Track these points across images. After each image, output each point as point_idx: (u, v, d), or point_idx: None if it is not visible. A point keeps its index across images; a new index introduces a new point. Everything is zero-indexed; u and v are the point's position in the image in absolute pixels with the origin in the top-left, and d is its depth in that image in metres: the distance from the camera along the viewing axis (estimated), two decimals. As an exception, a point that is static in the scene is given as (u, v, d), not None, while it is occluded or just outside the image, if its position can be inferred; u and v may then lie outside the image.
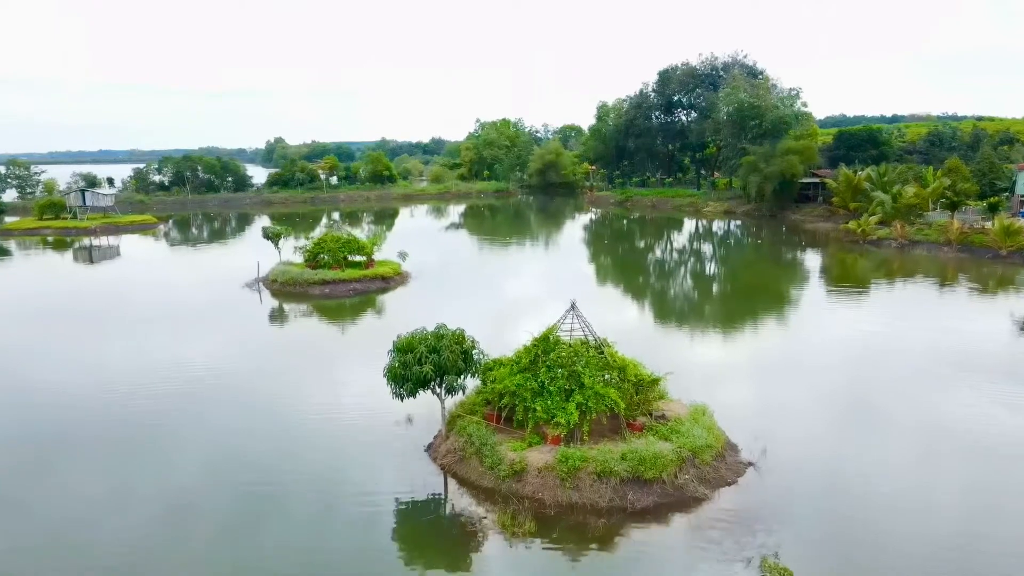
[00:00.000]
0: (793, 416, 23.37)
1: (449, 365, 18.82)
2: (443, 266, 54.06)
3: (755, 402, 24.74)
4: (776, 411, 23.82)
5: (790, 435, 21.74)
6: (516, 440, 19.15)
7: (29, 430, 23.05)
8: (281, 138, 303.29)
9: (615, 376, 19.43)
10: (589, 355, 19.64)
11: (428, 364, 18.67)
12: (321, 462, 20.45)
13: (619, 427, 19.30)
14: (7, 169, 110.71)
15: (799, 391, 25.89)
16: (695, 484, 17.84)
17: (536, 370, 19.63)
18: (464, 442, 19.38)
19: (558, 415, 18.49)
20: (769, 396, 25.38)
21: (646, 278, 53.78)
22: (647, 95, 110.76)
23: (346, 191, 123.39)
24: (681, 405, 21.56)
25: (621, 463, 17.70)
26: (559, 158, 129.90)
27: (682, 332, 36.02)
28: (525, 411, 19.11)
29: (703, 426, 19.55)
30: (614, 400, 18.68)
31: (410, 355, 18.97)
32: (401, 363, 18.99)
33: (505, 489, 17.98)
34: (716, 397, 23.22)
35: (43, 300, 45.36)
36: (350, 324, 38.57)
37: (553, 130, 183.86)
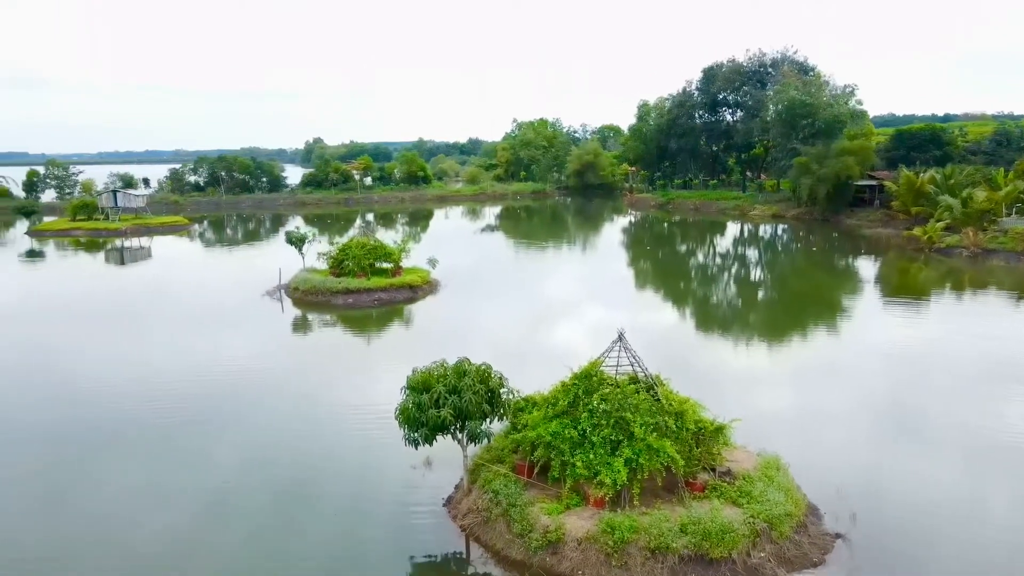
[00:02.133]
0: (883, 464, 19.69)
1: (472, 410, 15.72)
2: (474, 273, 51.07)
3: (831, 445, 21.11)
4: (859, 457, 20.17)
5: (884, 492, 18.10)
6: (551, 499, 15.95)
7: (71, 426, 23.55)
8: (320, 138, 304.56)
9: (671, 423, 16.08)
10: (639, 398, 16.33)
11: (447, 408, 15.59)
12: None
13: (676, 487, 15.98)
14: (46, 170, 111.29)
15: (886, 429, 22.18)
16: (773, 565, 14.43)
17: (576, 415, 16.40)
18: (489, 500, 16.24)
19: (602, 472, 15.25)
20: (848, 437, 21.71)
21: (691, 287, 50.02)
22: (690, 94, 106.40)
23: (380, 192, 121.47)
24: (747, 455, 18.09)
25: (681, 537, 14.39)
26: (597, 159, 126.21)
27: (734, 352, 32.34)
28: (563, 466, 15.90)
29: (779, 486, 16.10)
30: (671, 457, 15.36)
31: (426, 396, 15.91)
32: (415, 404, 15.95)
33: (538, 563, 14.81)
34: (783, 438, 19.77)
35: (76, 300, 44.82)
36: (369, 339, 35.81)
37: (591, 130, 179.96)
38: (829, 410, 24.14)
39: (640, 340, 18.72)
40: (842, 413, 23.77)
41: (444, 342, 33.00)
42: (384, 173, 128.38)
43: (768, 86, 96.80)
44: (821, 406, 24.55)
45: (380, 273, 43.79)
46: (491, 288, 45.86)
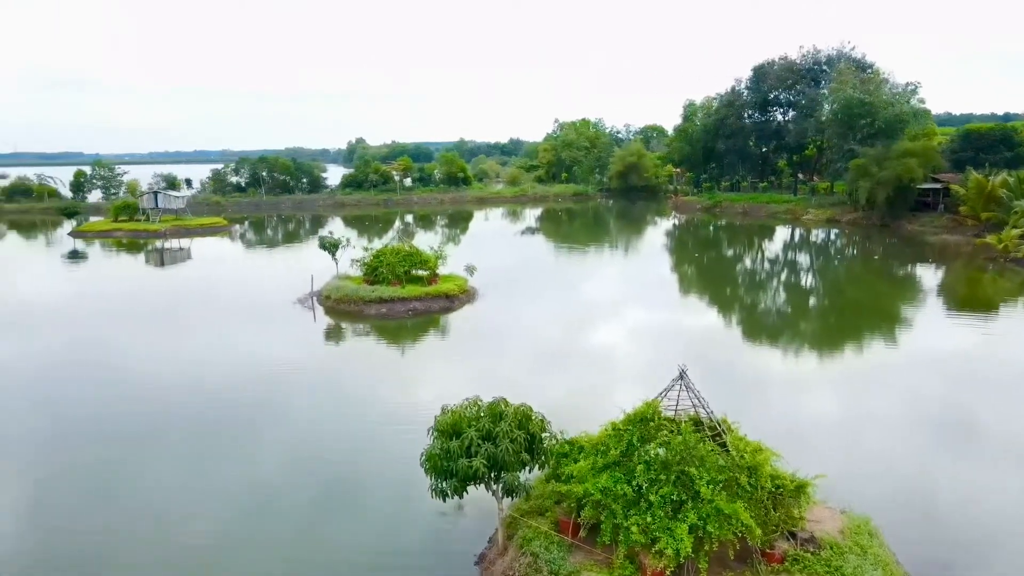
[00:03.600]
0: (997, 528, 16.86)
1: (508, 460, 13.50)
2: (513, 281, 48.79)
3: (929, 499, 18.26)
4: (966, 518, 17.34)
5: (998, 561, 15.34)
6: (601, 567, 13.62)
7: (118, 422, 24.06)
8: (362, 139, 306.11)
9: (743, 480, 13.61)
10: (705, 448, 13.89)
11: (480, 457, 13.39)
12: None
13: (749, 556, 13.52)
14: (93, 170, 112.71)
15: (1000, 481, 19.24)
16: (872, 664, 11.89)
17: (630, 466, 14.04)
18: (527, 564, 13.97)
19: (662, 539, 12.87)
20: (951, 489, 18.83)
21: (743, 297, 46.97)
22: (740, 93, 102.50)
23: (420, 193, 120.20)
24: (830, 513, 15.49)
25: (758, 624, 11.97)
26: (641, 160, 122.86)
27: (794, 375, 29.45)
28: (614, 528, 13.55)
29: (874, 559, 13.52)
30: (746, 525, 12.90)
31: (456, 442, 13.74)
32: (444, 452, 13.79)
33: (584, 647, 12.56)
34: (868, 489, 17.11)
35: (117, 301, 45.05)
36: (398, 355, 33.85)
37: (635, 130, 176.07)
38: (922, 453, 21.24)
39: (688, 356, 16.19)
40: (939, 457, 20.86)
41: (479, 359, 30.99)
42: (424, 174, 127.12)
43: (823, 84, 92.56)
44: (912, 449, 21.62)
45: (415, 281, 41.91)
46: (531, 298, 43.58)
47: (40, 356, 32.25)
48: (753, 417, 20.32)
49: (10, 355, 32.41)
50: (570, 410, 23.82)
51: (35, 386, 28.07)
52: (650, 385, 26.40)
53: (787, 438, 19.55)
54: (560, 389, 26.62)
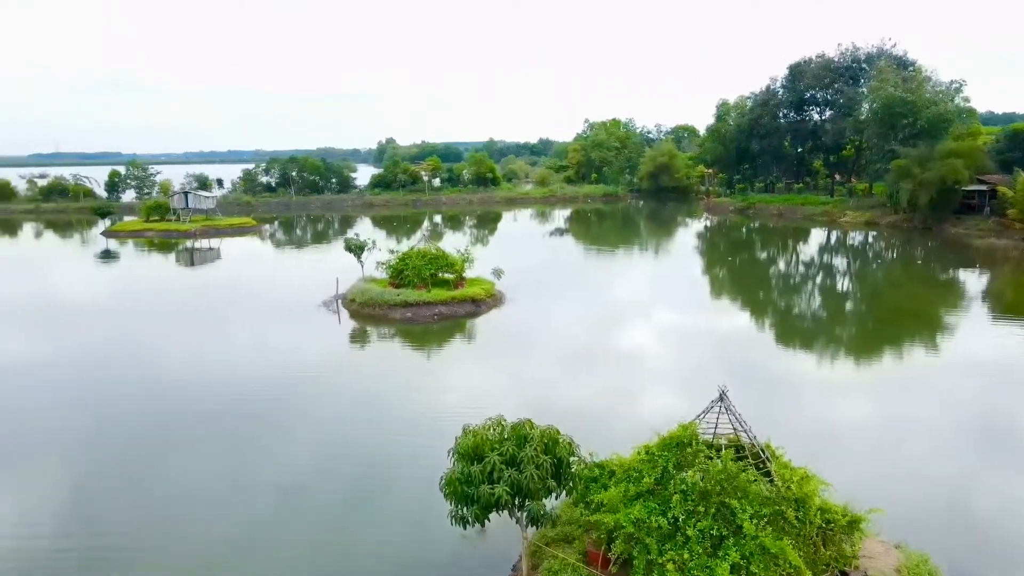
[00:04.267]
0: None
1: (533, 488, 12.51)
2: (541, 284, 47.76)
3: (989, 531, 16.89)
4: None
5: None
6: (633, 605, 12.58)
7: (150, 419, 24.31)
8: (392, 139, 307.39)
9: (790, 514, 12.45)
10: (748, 477, 12.75)
11: (503, 485, 12.43)
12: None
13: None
14: (126, 170, 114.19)
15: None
16: None
17: (665, 495, 12.96)
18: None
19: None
20: (1011, 517, 17.43)
21: (781, 302, 45.34)
22: (774, 92, 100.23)
23: (448, 194, 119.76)
24: (884, 548, 14.21)
25: None
26: (672, 160, 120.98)
27: (836, 387, 27.95)
28: (648, 565, 12.47)
29: (935, 605, 12.28)
30: (794, 565, 11.75)
31: (478, 467, 12.79)
32: (464, 477, 12.85)
33: None
34: (923, 518, 15.81)
35: (148, 301, 45.40)
36: (421, 362, 33.04)
37: (666, 130, 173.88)
38: (982, 477, 19.74)
39: (722, 365, 15.05)
40: (1002, 481, 19.35)
41: (505, 367, 29.99)
42: (453, 174, 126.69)
43: (862, 83, 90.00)
44: (970, 471, 20.11)
45: (442, 284, 41.10)
46: (559, 302, 42.49)
47: (75, 355, 32.52)
48: (790, 431, 19.12)
49: (47, 354, 32.68)
50: (599, 425, 22.81)
51: (71, 384, 28.17)
52: (684, 397, 25.44)
53: (829, 457, 18.32)
54: (589, 401, 25.58)
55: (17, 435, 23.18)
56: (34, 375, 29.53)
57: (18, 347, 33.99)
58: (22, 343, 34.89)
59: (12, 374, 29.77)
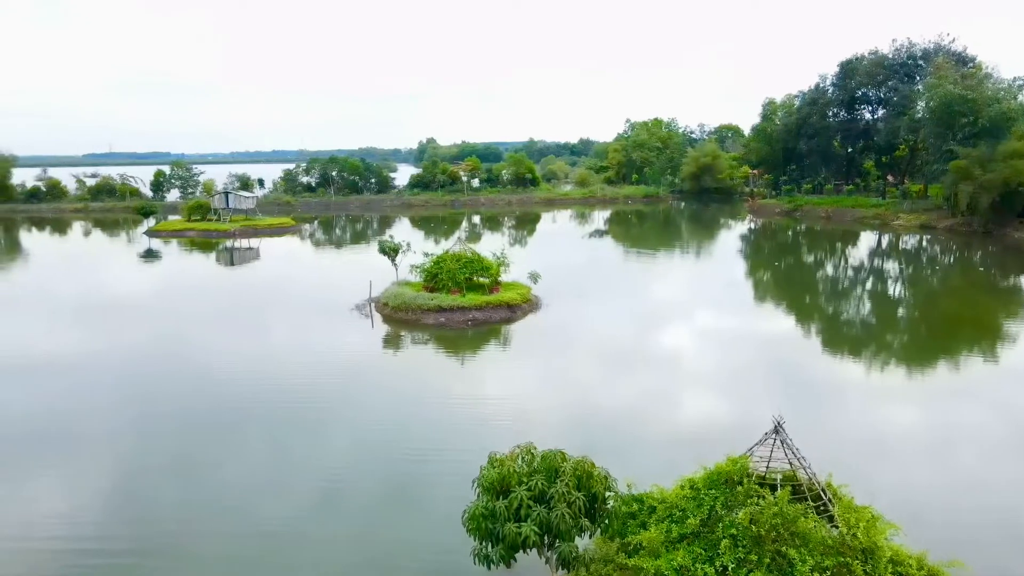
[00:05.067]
0: None
1: (564, 529, 11.26)
2: (579, 288, 46.35)
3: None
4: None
5: None
6: (674, 662, 11.24)
7: (194, 415, 24.66)
8: (433, 139, 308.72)
9: (857, 568, 10.96)
10: (808, 523, 11.29)
11: (531, 523, 11.21)
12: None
13: (862, 661, 10.86)
14: (171, 170, 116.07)
15: None
16: None
17: (713, 539, 11.59)
18: (586, 652, 11.74)
19: (753, 637, 10.40)
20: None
21: (833, 309, 43.07)
22: (824, 90, 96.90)
23: (487, 194, 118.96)
24: (962, 602, 12.58)
25: None
26: (716, 161, 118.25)
27: (905, 405, 26.02)
28: (693, 617, 11.13)
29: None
30: (862, 627, 10.30)
31: (503, 502, 11.60)
32: (488, 513, 11.67)
33: None
34: (1008, 564, 14.08)
35: (190, 299, 46.34)
36: (452, 370, 32.00)
37: (709, 130, 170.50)
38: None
39: (772, 383, 13.56)
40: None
41: (537, 378, 28.60)
42: (492, 175, 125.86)
43: (918, 80, 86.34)
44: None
45: (476, 289, 40.05)
46: (597, 308, 41.06)
47: (117, 353, 32.82)
48: (848, 457, 17.51)
49: (91, 352, 33.12)
50: (638, 445, 21.47)
51: (114, 381, 28.65)
52: (731, 416, 23.89)
53: (895, 491, 16.67)
54: (627, 418, 24.20)
55: (65, 431, 23.53)
56: (79, 372, 29.76)
57: (64, 345, 34.34)
58: (69, 341, 35.21)
59: (59, 371, 30.06)
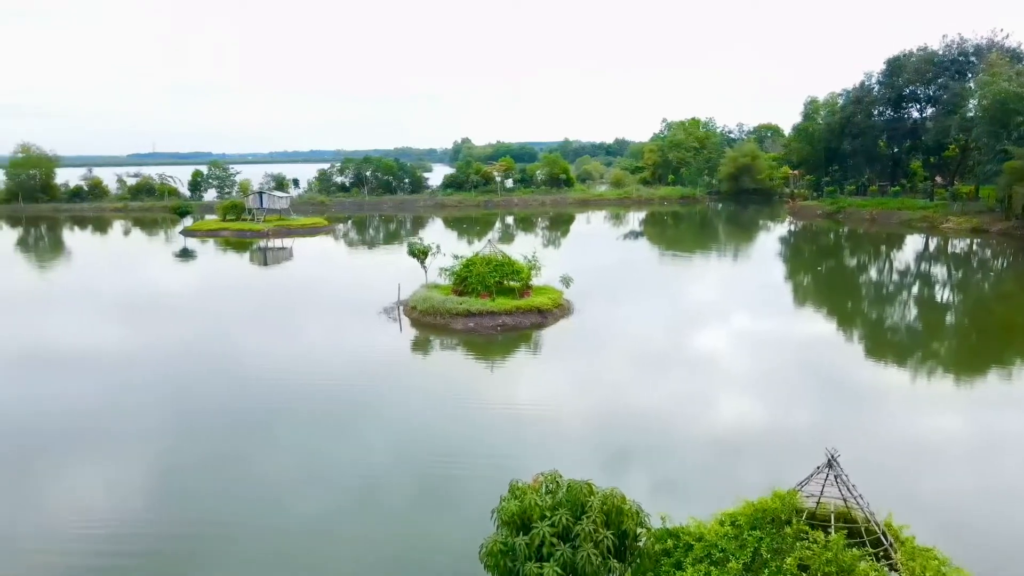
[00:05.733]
0: None
1: (590, 571, 10.17)
2: (613, 292, 45.06)
3: None
4: None
5: None
6: None
7: (230, 413, 25.17)
8: (468, 138, 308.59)
9: (923, 623, 9.68)
10: (866, 569, 10.03)
11: (553, 564, 10.14)
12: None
13: None
14: (208, 170, 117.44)
15: None
16: None
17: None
18: None
19: None
20: None
21: (884, 319, 41.08)
22: (869, 88, 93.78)
23: (520, 194, 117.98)
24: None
25: None
26: (755, 161, 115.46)
27: (965, 426, 24.31)
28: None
29: None
30: None
31: (523, 538, 10.56)
32: (507, 550, 10.64)
33: None
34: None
35: (222, 298, 47.34)
36: (477, 379, 31.03)
37: (747, 130, 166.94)
38: None
39: (819, 400, 12.26)
40: None
41: (566, 390, 27.38)
42: (526, 175, 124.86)
43: (969, 77, 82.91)
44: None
45: (507, 292, 39.05)
46: (631, 313, 39.77)
47: (155, 350, 33.39)
48: (902, 484, 16.06)
49: (131, 350, 33.67)
50: (674, 464, 20.24)
51: (155, 377, 29.21)
52: (774, 434, 22.43)
53: (959, 526, 15.19)
54: (661, 435, 22.95)
55: (107, 428, 24.03)
56: (119, 370, 30.25)
57: (104, 344, 34.68)
58: (108, 340, 35.51)
59: (101, 368, 30.58)
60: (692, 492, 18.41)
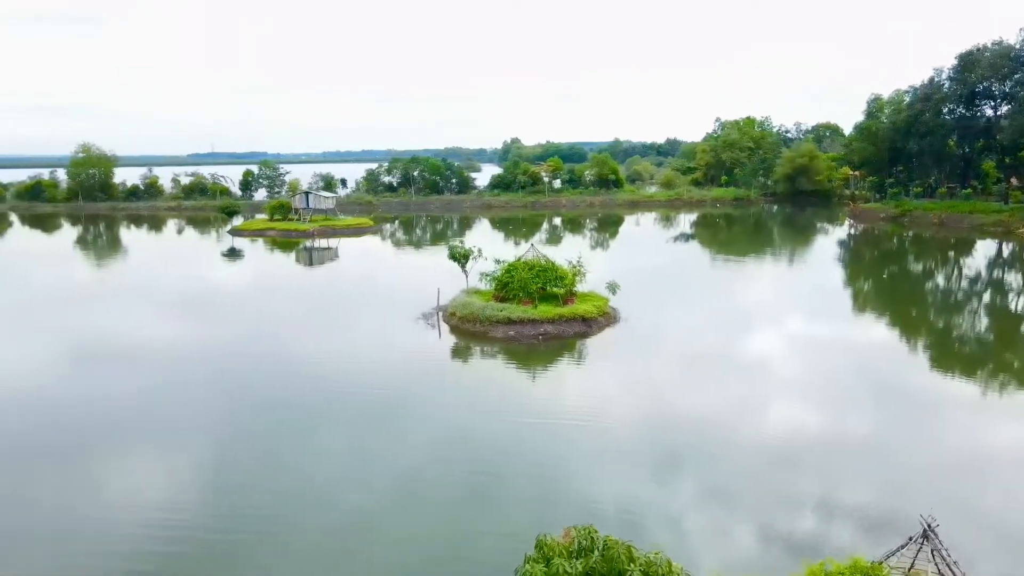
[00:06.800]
0: None
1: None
2: (662, 299, 42.90)
3: None
4: None
5: None
6: None
7: (273, 412, 25.43)
8: (517, 138, 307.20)
9: None
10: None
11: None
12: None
13: None
14: (259, 170, 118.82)
15: None
16: None
17: None
18: None
19: None
20: None
21: (963, 336, 38.01)
22: (939, 84, 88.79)
23: (568, 195, 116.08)
24: None
25: None
26: (813, 162, 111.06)
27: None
28: None
29: None
30: None
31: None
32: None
33: None
34: None
35: (268, 298, 47.59)
36: (529, 382, 29.42)
37: (805, 129, 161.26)
38: None
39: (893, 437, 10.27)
40: None
41: (609, 409, 25.50)
42: (574, 175, 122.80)
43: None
44: None
45: (550, 299, 37.39)
46: (680, 322, 37.65)
47: (202, 348, 33.97)
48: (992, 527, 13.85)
49: (181, 347, 34.16)
50: (728, 504, 18.28)
51: (207, 374, 29.82)
52: (841, 469, 20.02)
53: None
54: (712, 462, 20.98)
55: (161, 423, 24.61)
56: (167, 368, 30.57)
57: (153, 342, 35.07)
58: (156, 338, 35.86)
59: (150, 365, 30.97)
60: (750, 533, 16.49)
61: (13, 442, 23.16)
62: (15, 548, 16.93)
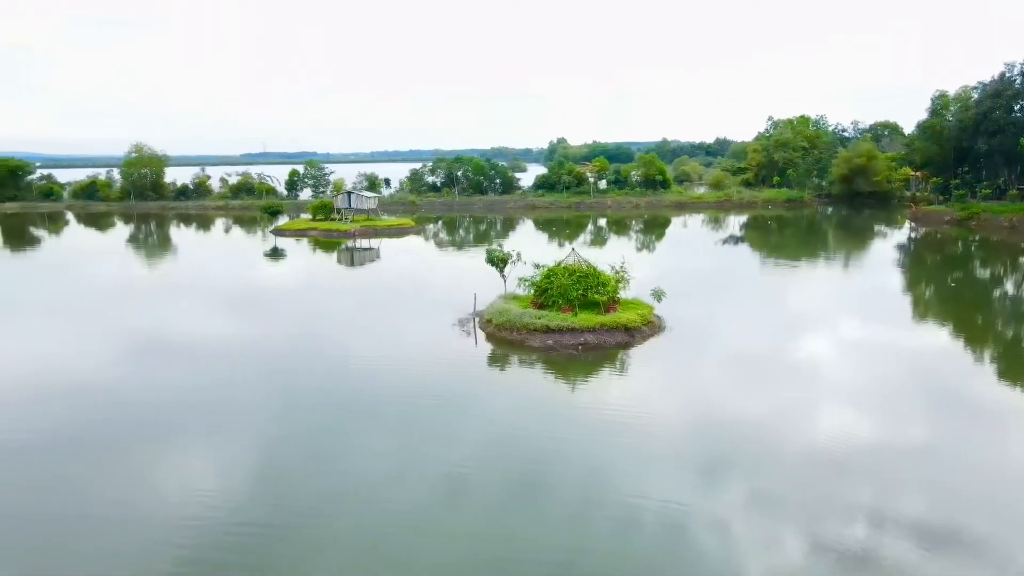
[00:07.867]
0: None
1: None
2: (710, 308, 40.61)
3: None
4: None
5: None
6: None
7: (320, 410, 25.83)
8: (563, 138, 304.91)
9: None
10: None
11: None
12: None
13: None
14: (304, 170, 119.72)
15: None
16: None
17: None
18: None
19: None
20: None
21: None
22: (1011, 80, 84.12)
23: (614, 196, 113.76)
24: None
25: None
26: (871, 162, 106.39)
27: None
28: None
29: None
30: None
31: None
32: None
33: None
34: None
35: (310, 297, 48.18)
36: (568, 393, 27.79)
37: (863, 128, 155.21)
38: None
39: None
40: None
41: (649, 427, 23.69)
42: (620, 176, 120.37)
43: None
44: None
45: (591, 306, 35.67)
46: (729, 332, 35.50)
47: (246, 347, 34.58)
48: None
49: (230, 343, 35.22)
50: (779, 535, 16.37)
51: (257, 373, 30.32)
52: (907, 500, 17.97)
53: None
54: (761, 490, 19.06)
55: (208, 422, 24.97)
56: (208, 368, 31.08)
57: (200, 340, 35.67)
58: (203, 336, 36.41)
59: (197, 362, 31.69)
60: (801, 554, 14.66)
61: (74, 433, 23.83)
62: (76, 533, 17.76)
